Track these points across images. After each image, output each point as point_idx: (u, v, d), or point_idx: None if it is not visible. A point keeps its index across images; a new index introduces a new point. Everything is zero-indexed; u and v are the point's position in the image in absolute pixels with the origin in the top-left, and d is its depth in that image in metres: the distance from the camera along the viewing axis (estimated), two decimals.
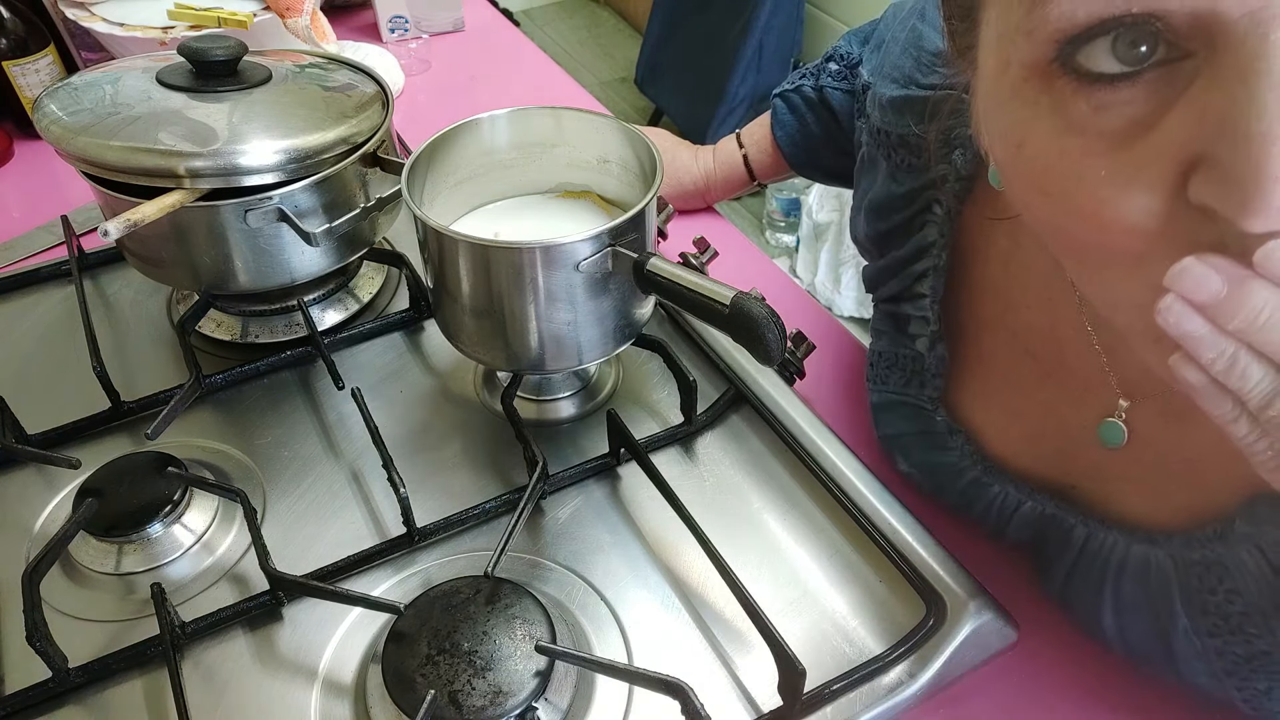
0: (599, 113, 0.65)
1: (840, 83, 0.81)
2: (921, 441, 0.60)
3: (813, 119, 0.83)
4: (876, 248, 0.63)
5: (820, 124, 0.83)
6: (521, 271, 0.54)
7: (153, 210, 0.58)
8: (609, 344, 0.61)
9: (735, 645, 0.54)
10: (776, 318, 0.51)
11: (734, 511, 0.61)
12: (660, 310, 0.75)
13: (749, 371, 0.67)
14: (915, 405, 0.59)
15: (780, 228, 2.40)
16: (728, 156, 0.89)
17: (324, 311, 0.74)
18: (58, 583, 0.57)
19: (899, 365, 0.60)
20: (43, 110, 0.63)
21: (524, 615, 0.51)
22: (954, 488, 0.59)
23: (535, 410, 0.68)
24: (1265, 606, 0.45)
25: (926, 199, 0.56)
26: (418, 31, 1.23)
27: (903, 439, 0.62)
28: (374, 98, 0.69)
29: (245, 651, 0.54)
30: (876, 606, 0.56)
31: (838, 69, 0.82)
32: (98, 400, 0.65)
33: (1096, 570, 0.52)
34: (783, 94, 0.86)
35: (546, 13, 3.61)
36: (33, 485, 0.63)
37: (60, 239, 0.84)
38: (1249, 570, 0.45)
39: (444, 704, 0.47)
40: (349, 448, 0.65)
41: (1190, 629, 0.48)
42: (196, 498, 0.60)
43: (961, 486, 0.58)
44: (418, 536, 0.58)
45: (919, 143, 0.56)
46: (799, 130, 0.84)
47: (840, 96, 0.81)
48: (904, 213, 0.58)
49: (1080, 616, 0.55)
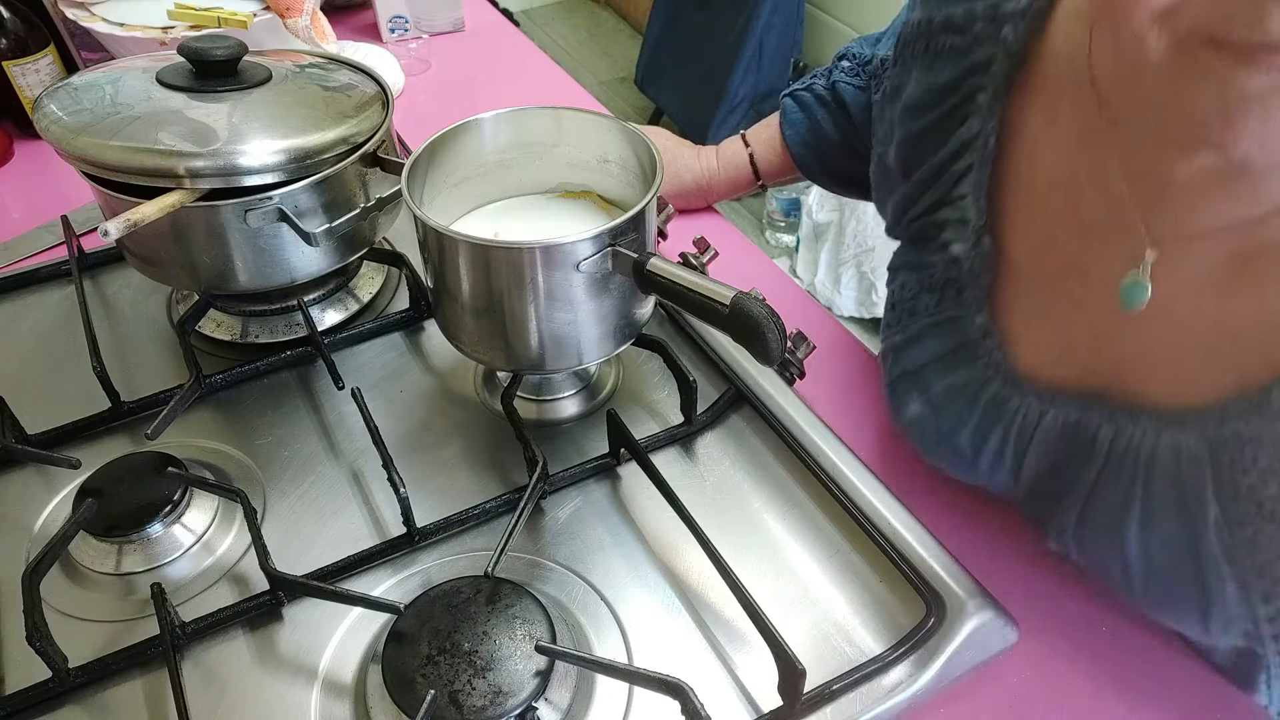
0: (599, 113, 0.65)
1: (853, 78, 0.81)
2: (946, 365, 0.58)
3: (824, 116, 0.83)
4: (911, 159, 0.61)
5: (832, 121, 0.83)
6: (521, 271, 0.54)
7: (153, 210, 0.58)
8: (609, 344, 0.61)
9: (735, 645, 0.54)
10: (776, 318, 0.51)
11: (734, 511, 0.61)
12: (660, 310, 0.75)
13: (749, 371, 0.67)
14: (949, 320, 0.58)
15: (780, 228, 2.40)
16: (733, 156, 0.89)
17: (324, 311, 0.74)
18: (58, 583, 0.57)
19: (931, 287, 0.59)
20: (43, 110, 0.63)
21: (524, 615, 0.51)
22: (971, 415, 0.57)
23: (535, 410, 0.68)
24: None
25: (969, 88, 0.55)
26: (418, 31, 1.23)
27: (923, 371, 0.60)
28: (374, 98, 0.69)
29: (245, 651, 0.54)
30: (876, 606, 0.56)
31: (850, 66, 0.82)
32: (98, 400, 0.65)
33: (1126, 474, 0.51)
34: (793, 94, 0.86)
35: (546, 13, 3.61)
36: (33, 485, 0.63)
37: (60, 239, 0.84)
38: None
39: (444, 704, 0.47)
40: (349, 448, 0.65)
41: (1221, 520, 0.47)
42: (196, 498, 0.60)
43: (982, 405, 0.56)
44: (418, 536, 0.58)
45: (966, 18, 0.55)
46: (808, 129, 0.84)
47: (853, 91, 0.81)
48: (943, 106, 0.57)
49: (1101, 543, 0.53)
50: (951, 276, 0.58)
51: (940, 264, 0.58)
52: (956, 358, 0.58)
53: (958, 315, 0.57)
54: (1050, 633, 0.56)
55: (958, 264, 0.57)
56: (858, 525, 0.58)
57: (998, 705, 0.53)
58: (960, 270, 0.57)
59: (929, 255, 0.59)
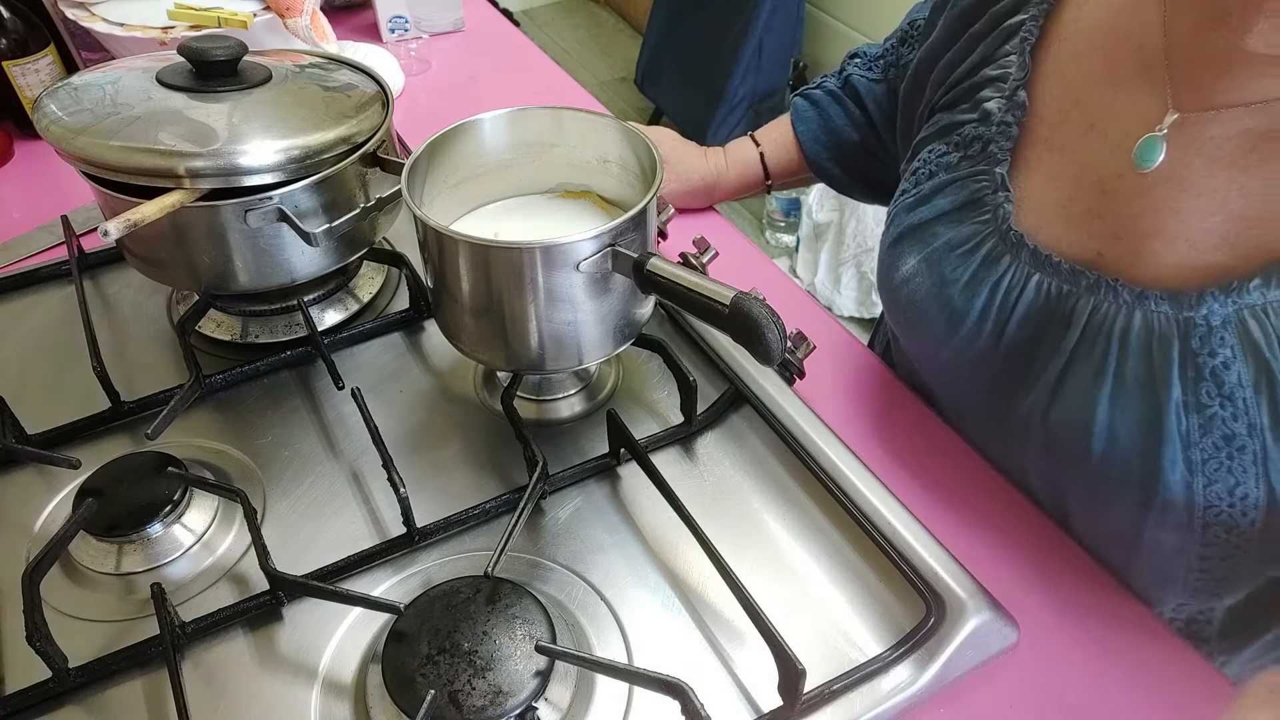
0: (599, 113, 0.65)
1: (866, 71, 0.83)
2: (951, 220, 0.60)
3: (837, 112, 0.84)
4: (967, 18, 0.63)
5: (846, 116, 0.84)
6: (521, 271, 0.54)
7: (153, 210, 0.58)
8: (609, 344, 0.61)
9: (735, 645, 0.54)
10: (776, 318, 0.51)
11: (734, 511, 0.61)
12: (660, 310, 0.75)
13: (749, 371, 0.67)
14: (968, 176, 0.60)
15: (780, 228, 2.40)
16: (742, 155, 0.89)
17: (324, 311, 0.74)
18: (58, 583, 0.57)
19: (959, 144, 0.62)
20: (43, 110, 0.63)
21: (524, 615, 0.51)
22: (965, 270, 0.59)
23: (535, 410, 0.68)
24: (1255, 380, 0.47)
25: None
26: (418, 31, 1.23)
27: (927, 226, 0.62)
28: (374, 98, 0.69)
29: (245, 651, 0.54)
30: (876, 606, 0.56)
31: (862, 62, 0.84)
32: (98, 400, 0.66)
33: (1100, 347, 0.53)
34: (804, 93, 0.87)
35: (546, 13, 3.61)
36: (33, 485, 0.63)
37: (60, 239, 0.84)
38: (1250, 338, 0.47)
39: (444, 704, 0.47)
40: (349, 448, 0.65)
41: (1182, 403, 0.50)
42: (196, 498, 0.60)
43: (977, 261, 0.58)
44: (418, 536, 0.58)
45: None
46: (821, 126, 0.85)
47: (866, 83, 0.83)
48: None
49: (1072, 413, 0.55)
50: (979, 134, 0.60)
51: (971, 122, 0.61)
52: (963, 214, 0.60)
53: (977, 171, 0.59)
54: (1050, 633, 0.56)
55: (989, 120, 0.59)
56: (858, 525, 0.58)
57: (998, 705, 0.53)
58: (991, 126, 0.59)
59: (963, 115, 0.62)
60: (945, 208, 0.61)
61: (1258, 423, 0.48)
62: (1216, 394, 0.49)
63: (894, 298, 0.65)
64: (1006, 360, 0.59)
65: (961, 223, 0.60)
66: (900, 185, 0.67)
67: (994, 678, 0.54)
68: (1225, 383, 0.48)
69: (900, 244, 0.64)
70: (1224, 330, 0.48)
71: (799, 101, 0.87)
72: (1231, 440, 0.49)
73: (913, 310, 0.63)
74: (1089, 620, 0.57)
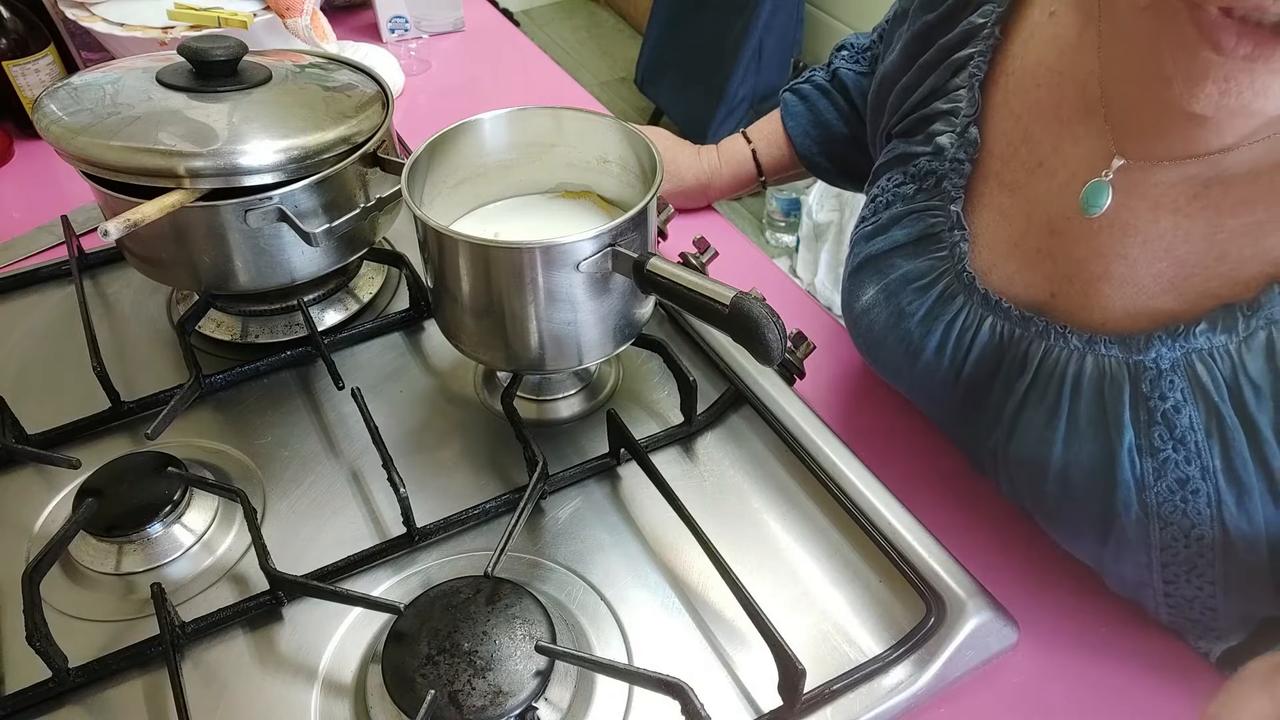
0: (599, 113, 0.65)
1: (853, 64, 0.83)
2: (908, 253, 0.61)
3: (825, 106, 0.84)
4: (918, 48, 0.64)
5: (834, 110, 0.84)
6: (521, 271, 0.54)
7: (153, 210, 0.58)
8: (609, 344, 0.61)
9: (735, 645, 0.54)
10: (776, 318, 0.51)
11: (734, 511, 0.61)
12: (660, 310, 0.75)
13: (749, 371, 0.67)
14: (923, 209, 0.60)
15: (780, 228, 2.40)
16: (734, 153, 0.89)
17: (324, 311, 0.74)
18: (58, 583, 0.57)
19: (914, 177, 0.62)
20: (43, 110, 0.63)
21: (524, 615, 0.51)
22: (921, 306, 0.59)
23: (535, 410, 0.68)
24: (1206, 424, 0.47)
25: None
26: (418, 31, 1.23)
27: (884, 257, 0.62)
28: (374, 98, 0.69)
29: (245, 651, 0.54)
30: (876, 606, 0.56)
31: (849, 54, 0.84)
32: (98, 400, 0.65)
33: (1053, 391, 0.53)
34: (792, 88, 0.87)
35: (546, 13, 3.61)
36: (33, 485, 0.63)
37: (60, 239, 0.84)
38: (1199, 382, 0.47)
39: (444, 704, 0.47)
40: (349, 448, 0.65)
41: (1135, 446, 0.50)
42: (196, 498, 0.60)
43: (933, 298, 0.58)
44: (418, 536, 0.58)
45: None
46: (810, 120, 0.85)
47: (854, 76, 0.83)
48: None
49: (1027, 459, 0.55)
50: (933, 168, 0.60)
51: (925, 155, 0.61)
52: (919, 247, 0.60)
53: (931, 205, 0.59)
54: (1050, 633, 0.56)
55: (942, 155, 0.60)
56: (858, 525, 0.58)
57: (998, 705, 0.53)
58: (944, 160, 0.59)
59: (916, 148, 0.62)
60: (902, 239, 0.61)
61: (1210, 466, 0.48)
62: (1169, 437, 0.48)
63: (855, 326, 0.66)
64: (968, 393, 0.59)
65: (918, 256, 0.60)
66: (861, 210, 0.67)
67: (994, 678, 0.54)
68: (1177, 426, 0.48)
69: (860, 274, 0.64)
70: (1173, 374, 0.48)
71: (788, 97, 0.87)
72: (1185, 484, 0.49)
73: (873, 339, 0.64)
74: (1089, 620, 0.57)
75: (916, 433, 0.68)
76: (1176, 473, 0.49)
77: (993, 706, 0.53)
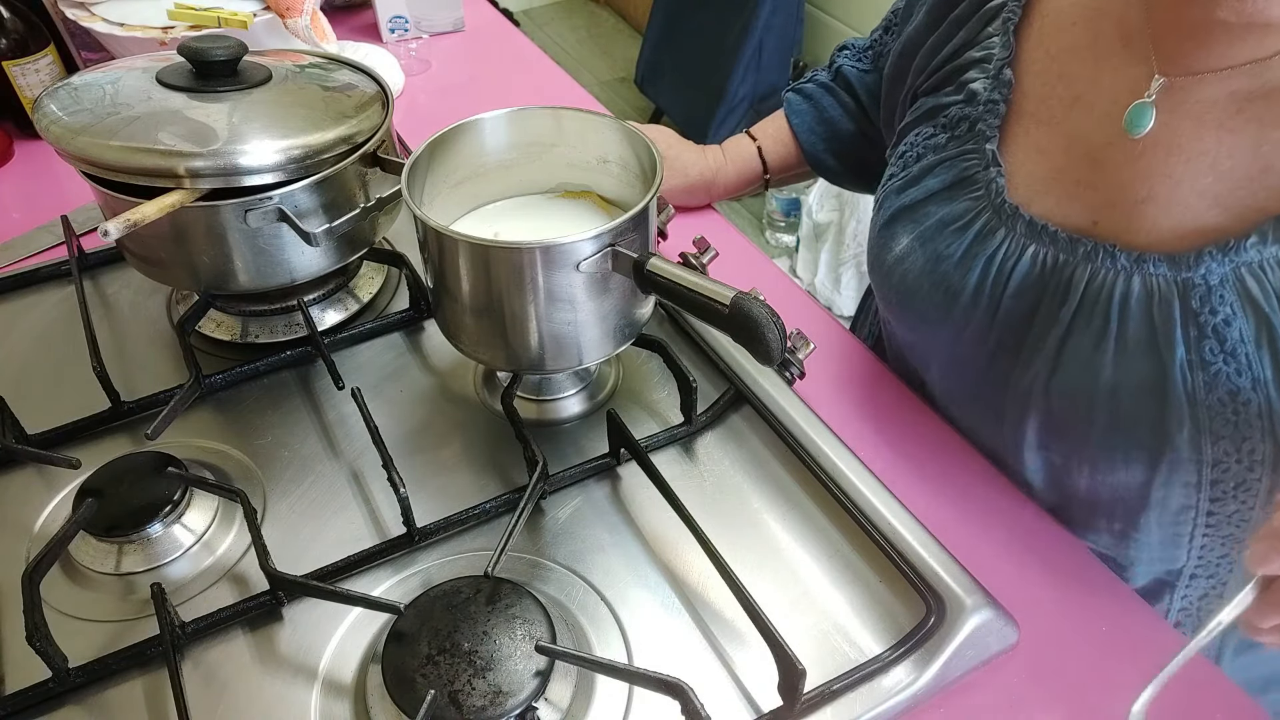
0: (599, 113, 0.65)
1: (855, 61, 0.85)
2: (943, 199, 0.61)
3: (829, 103, 0.86)
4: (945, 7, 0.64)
5: (839, 106, 0.85)
6: (521, 271, 0.54)
7: (153, 210, 0.58)
8: (609, 344, 0.61)
9: (735, 645, 0.54)
10: (776, 318, 0.51)
11: (734, 511, 0.61)
12: (660, 310, 0.75)
13: (749, 371, 0.67)
14: (957, 155, 0.61)
15: (780, 228, 2.40)
16: (739, 151, 0.90)
17: (324, 311, 0.74)
18: (58, 583, 0.57)
19: (946, 126, 0.62)
20: (43, 110, 0.63)
21: (524, 615, 0.51)
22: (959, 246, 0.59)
23: (535, 410, 0.68)
24: (1256, 336, 0.48)
25: None
26: (418, 31, 1.23)
27: (919, 206, 0.63)
28: (374, 98, 0.69)
29: (245, 651, 0.54)
30: (876, 606, 0.56)
31: (851, 53, 0.86)
32: (98, 400, 0.65)
33: (1099, 314, 0.53)
34: (795, 87, 0.88)
35: (546, 13, 3.61)
36: (33, 485, 0.63)
37: (60, 239, 0.84)
38: (1249, 295, 0.48)
39: (444, 704, 0.47)
40: (349, 448, 0.65)
41: (1186, 362, 0.51)
42: (196, 498, 0.60)
43: (971, 236, 0.59)
44: (418, 536, 0.58)
45: None
46: (815, 117, 0.86)
47: (856, 73, 0.84)
48: None
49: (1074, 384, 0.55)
50: (966, 114, 0.61)
51: (957, 103, 0.62)
52: (954, 192, 0.60)
53: (965, 150, 0.60)
54: (1050, 633, 0.56)
55: (975, 100, 0.61)
56: (858, 525, 0.58)
57: (998, 705, 0.53)
58: (977, 105, 0.60)
59: (948, 98, 0.63)
60: (936, 187, 0.62)
61: (1261, 377, 0.49)
62: (1220, 350, 0.50)
63: (887, 280, 0.66)
64: (1003, 335, 0.59)
65: (954, 200, 0.61)
66: (887, 170, 0.68)
67: (994, 678, 0.54)
68: (1228, 339, 0.49)
69: (892, 225, 0.65)
70: (1223, 289, 0.49)
71: (791, 96, 0.88)
72: (1236, 396, 0.50)
73: (906, 291, 0.64)
74: (1089, 620, 0.57)
75: (917, 433, 0.68)
76: (1228, 385, 0.50)
77: (993, 706, 0.53)
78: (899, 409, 0.70)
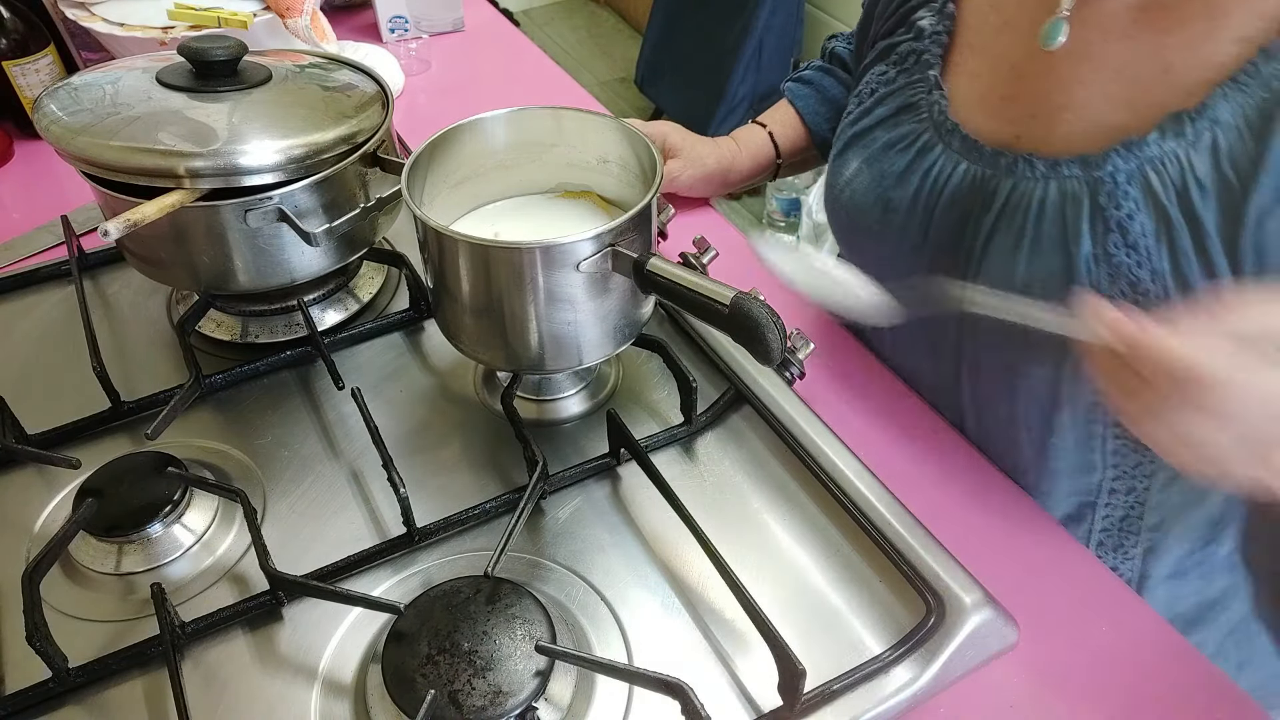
0: (599, 113, 0.65)
1: (847, 44, 0.90)
2: (890, 124, 0.66)
3: (830, 83, 0.90)
4: None
5: (839, 85, 0.90)
6: (521, 271, 0.54)
7: (153, 210, 0.58)
8: (609, 344, 0.61)
9: (735, 645, 0.54)
10: (776, 318, 0.51)
11: (734, 511, 0.61)
12: (660, 310, 0.75)
13: (749, 371, 0.67)
14: (905, 85, 0.66)
15: (780, 228, 2.40)
16: (751, 139, 0.92)
17: (324, 311, 0.74)
18: (58, 583, 0.57)
19: (896, 62, 0.68)
20: (43, 110, 0.63)
21: (524, 615, 0.51)
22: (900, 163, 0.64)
23: (535, 410, 0.68)
24: (1156, 230, 0.52)
25: None
26: (418, 31, 1.23)
27: (868, 132, 0.68)
28: (374, 98, 0.69)
29: (245, 651, 0.54)
30: (876, 606, 0.56)
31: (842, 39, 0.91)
32: (98, 400, 0.65)
33: (1018, 219, 0.58)
34: (792, 78, 0.92)
35: (546, 13, 3.61)
36: (33, 485, 0.63)
37: (60, 239, 0.84)
38: (1151, 190, 0.52)
39: (444, 704, 0.47)
40: (349, 448, 0.65)
41: (1091, 255, 0.55)
42: (196, 498, 0.60)
43: (911, 154, 0.64)
44: (418, 536, 0.58)
45: None
46: (818, 99, 0.90)
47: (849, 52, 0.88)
48: None
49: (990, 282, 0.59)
50: (914, 49, 0.67)
51: (907, 40, 0.68)
52: (900, 117, 0.66)
53: (913, 81, 0.66)
54: (1050, 633, 0.56)
55: (922, 36, 0.66)
56: (858, 525, 0.58)
57: (998, 705, 0.53)
58: (924, 40, 0.66)
59: (899, 37, 0.69)
60: (884, 115, 0.67)
61: (1160, 269, 0.52)
62: (1122, 244, 0.53)
63: (837, 202, 0.71)
64: (937, 250, 0.63)
65: (900, 124, 0.66)
66: (846, 109, 0.72)
67: (994, 678, 0.54)
68: (1130, 232, 0.53)
69: (844, 153, 0.70)
70: (1128, 185, 0.53)
71: (791, 85, 0.92)
72: (1136, 286, 0.53)
73: (854, 210, 0.68)
74: (1089, 620, 0.57)
75: (917, 433, 0.68)
76: (1129, 276, 0.54)
77: (993, 706, 0.53)
78: (899, 409, 0.70)
